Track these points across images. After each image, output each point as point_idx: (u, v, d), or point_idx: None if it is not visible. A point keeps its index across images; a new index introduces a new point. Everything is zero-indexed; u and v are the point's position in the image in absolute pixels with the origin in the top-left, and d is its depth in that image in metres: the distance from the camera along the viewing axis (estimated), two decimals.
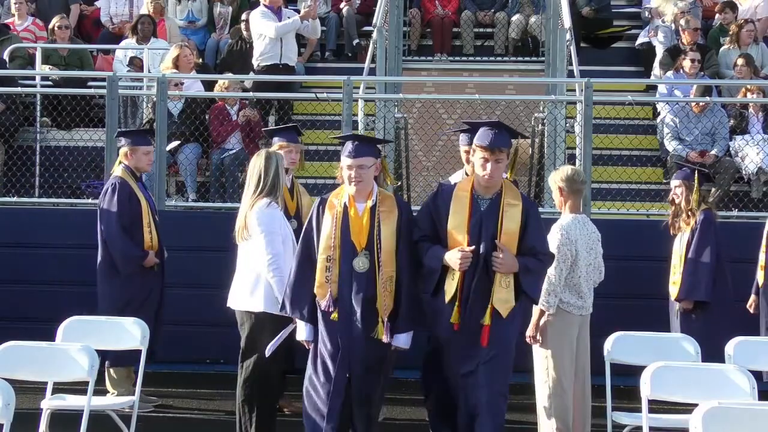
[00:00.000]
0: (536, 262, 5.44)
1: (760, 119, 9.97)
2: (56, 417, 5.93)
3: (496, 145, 5.33)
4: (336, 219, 5.42)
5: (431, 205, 5.53)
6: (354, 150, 5.41)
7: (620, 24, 12.89)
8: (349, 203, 5.46)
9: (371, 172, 5.45)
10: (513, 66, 12.30)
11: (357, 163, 5.39)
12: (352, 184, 5.41)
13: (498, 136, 5.35)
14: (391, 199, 5.55)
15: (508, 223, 5.38)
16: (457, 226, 5.39)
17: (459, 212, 5.41)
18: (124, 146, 7.41)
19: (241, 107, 10.13)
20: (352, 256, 5.38)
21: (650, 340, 5.95)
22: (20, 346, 5.38)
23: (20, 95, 10.40)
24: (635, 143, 9.99)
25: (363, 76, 9.83)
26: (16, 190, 9.74)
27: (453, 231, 5.40)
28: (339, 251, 5.39)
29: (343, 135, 5.82)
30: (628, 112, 10.15)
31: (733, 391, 4.86)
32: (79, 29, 12.72)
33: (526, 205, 5.49)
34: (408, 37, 12.59)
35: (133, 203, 7.26)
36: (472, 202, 5.43)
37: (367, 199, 5.45)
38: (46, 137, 10.33)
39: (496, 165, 5.34)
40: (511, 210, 5.40)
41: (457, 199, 5.45)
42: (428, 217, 5.52)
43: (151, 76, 10.13)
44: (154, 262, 7.26)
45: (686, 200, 7.13)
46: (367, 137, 5.53)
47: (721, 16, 11.86)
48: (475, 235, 5.37)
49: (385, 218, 5.43)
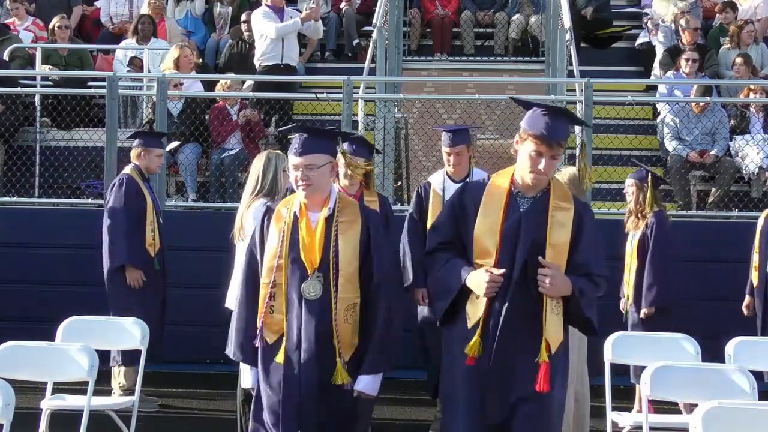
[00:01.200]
0: (590, 284, 4.18)
1: (760, 119, 9.97)
2: (56, 417, 5.93)
3: (556, 137, 4.10)
4: (283, 233, 4.35)
5: (456, 204, 4.30)
6: (301, 146, 4.34)
7: (620, 24, 12.89)
8: (300, 213, 4.38)
9: (324, 173, 4.34)
10: (513, 66, 12.30)
11: (305, 162, 4.31)
12: (300, 188, 4.34)
13: (560, 126, 4.14)
14: (353, 206, 4.45)
15: (557, 231, 4.15)
16: (487, 230, 4.15)
17: (491, 212, 4.17)
18: (137, 147, 7.43)
19: (241, 107, 10.13)
20: (301, 279, 4.28)
21: (650, 340, 5.95)
22: (20, 346, 5.38)
23: (20, 95, 10.40)
24: (635, 143, 9.99)
25: (363, 76, 9.83)
26: (16, 190, 9.74)
27: (481, 236, 4.16)
28: (286, 274, 4.31)
29: (289, 127, 4.91)
30: (628, 112, 10.16)
31: (733, 391, 4.85)
32: (79, 29, 12.73)
33: (579, 209, 4.23)
34: (408, 37, 12.59)
35: (139, 200, 7.28)
36: (510, 200, 4.19)
37: (322, 207, 4.37)
38: (46, 137, 10.33)
39: (551, 162, 4.11)
40: (561, 214, 4.18)
41: (489, 195, 4.21)
42: (451, 219, 4.29)
43: (151, 76, 10.13)
44: (138, 281, 7.25)
45: (636, 201, 7.09)
46: (321, 130, 4.53)
47: (721, 16, 11.85)
48: (511, 242, 4.12)
49: (344, 230, 4.35)
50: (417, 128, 9.54)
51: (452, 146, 6.65)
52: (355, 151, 6.55)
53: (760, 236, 7.37)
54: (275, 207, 4.48)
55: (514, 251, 4.11)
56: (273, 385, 4.31)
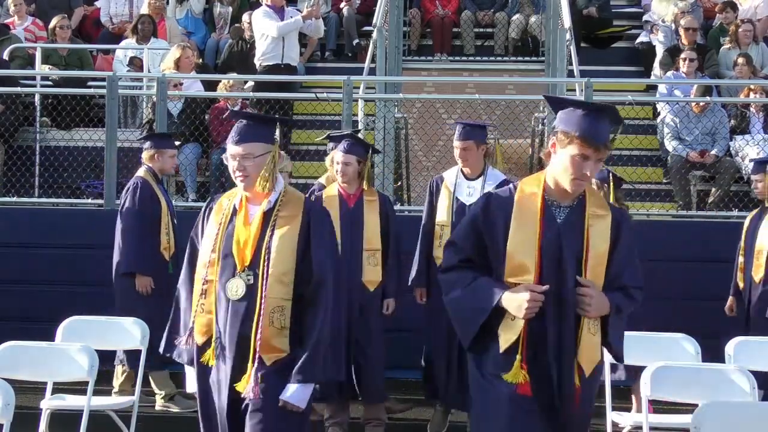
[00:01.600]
0: (626, 299, 3.89)
1: (760, 119, 9.97)
2: (56, 417, 5.93)
3: (603, 139, 3.76)
4: (220, 226, 4.09)
5: (480, 218, 3.86)
6: (237, 134, 4.05)
7: (620, 24, 12.89)
8: (239, 205, 4.11)
9: (261, 163, 4.03)
10: (513, 66, 12.30)
11: (242, 152, 4.02)
12: (237, 179, 4.06)
13: (606, 127, 3.80)
14: (297, 201, 4.11)
15: (597, 241, 3.81)
16: (523, 246, 3.77)
17: (525, 225, 3.78)
18: (150, 149, 7.39)
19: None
20: (231, 277, 4.03)
21: (650, 340, 5.94)
22: (20, 346, 5.38)
23: (20, 95, 10.39)
24: (635, 143, 9.99)
25: (363, 76, 9.83)
26: (16, 190, 9.74)
27: (516, 252, 3.76)
28: (217, 270, 4.05)
29: (228, 113, 4.64)
30: (628, 112, 10.14)
31: (733, 391, 4.85)
32: (79, 29, 12.72)
33: (616, 216, 3.88)
34: (408, 37, 12.59)
35: (154, 204, 7.26)
36: (545, 210, 3.81)
37: (264, 200, 4.08)
38: (45, 137, 10.32)
39: (596, 166, 3.80)
40: (599, 223, 3.83)
41: (521, 207, 3.82)
42: (474, 234, 3.87)
43: (151, 76, 10.13)
44: (147, 288, 7.24)
45: None
46: (259, 116, 4.22)
47: (722, 15, 11.85)
48: (552, 258, 3.76)
49: (281, 226, 4.02)
50: (417, 128, 9.54)
51: (460, 140, 6.62)
52: (348, 149, 6.56)
53: (746, 237, 7.32)
54: (219, 198, 4.21)
55: (558, 267, 3.76)
56: (202, 388, 4.11)
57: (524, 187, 3.88)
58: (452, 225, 6.53)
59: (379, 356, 6.52)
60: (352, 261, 6.46)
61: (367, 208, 6.60)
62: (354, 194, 6.63)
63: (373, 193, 6.69)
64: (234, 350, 3.97)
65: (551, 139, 3.83)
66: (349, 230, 6.51)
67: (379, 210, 6.62)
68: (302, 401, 3.94)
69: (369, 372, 6.49)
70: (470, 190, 6.61)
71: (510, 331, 3.74)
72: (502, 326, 3.76)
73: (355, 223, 6.55)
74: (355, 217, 6.56)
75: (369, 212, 6.58)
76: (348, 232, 6.48)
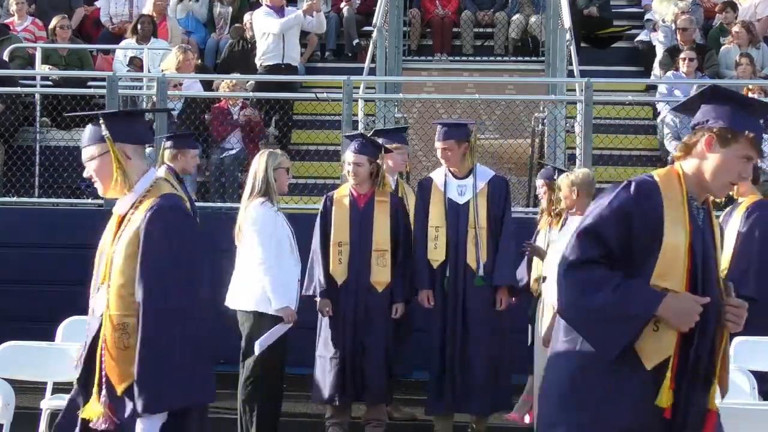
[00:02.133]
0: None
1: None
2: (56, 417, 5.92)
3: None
4: (109, 230, 3.68)
5: (632, 204, 3.32)
6: (83, 137, 3.68)
7: (620, 24, 12.89)
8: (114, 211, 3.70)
9: (103, 164, 3.57)
10: (513, 66, 12.29)
11: (84, 156, 3.65)
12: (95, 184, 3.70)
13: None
14: (154, 198, 3.54)
15: (721, 246, 3.54)
16: (677, 246, 3.31)
17: (677, 223, 3.32)
18: (171, 149, 7.34)
19: (242, 107, 10.13)
20: (96, 292, 3.62)
21: None
22: (20, 346, 5.39)
23: (20, 95, 10.39)
24: (635, 143, 9.99)
25: (363, 76, 9.83)
26: (16, 190, 9.73)
27: (670, 251, 3.30)
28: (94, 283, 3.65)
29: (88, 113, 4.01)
30: (628, 112, 10.15)
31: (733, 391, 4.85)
32: (80, 29, 12.72)
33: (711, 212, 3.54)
34: (408, 37, 12.59)
35: None
36: (690, 210, 3.39)
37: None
38: (46, 137, 10.32)
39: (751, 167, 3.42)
40: (718, 225, 3.54)
41: (669, 201, 3.36)
42: (622, 222, 3.31)
43: (151, 76, 10.13)
44: None
45: (548, 200, 6.90)
46: (92, 115, 3.67)
47: (722, 15, 11.85)
48: (702, 264, 3.35)
49: (122, 234, 3.54)
50: (417, 128, 9.54)
51: (440, 140, 6.62)
52: (359, 149, 6.54)
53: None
54: None
55: (704, 274, 3.34)
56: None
57: (663, 180, 3.40)
58: (447, 226, 6.57)
59: (381, 357, 6.48)
60: (361, 262, 6.49)
61: (377, 209, 6.55)
62: (365, 195, 6.60)
63: (385, 194, 6.62)
64: (83, 374, 3.56)
65: (700, 134, 3.38)
66: (358, 231, 6.51)
67: (390, 211, 6.57)
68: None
69: (371, 373, 6.47)
70: (461, 188, 6.62)
71: (659, 345, 3.26)
72: (645, 338, 3.26)
73: (365, 224, 6.52)
74: (365, 218, 6.53)
75: (379, 213, 6.54)
76: (357, 232, 6.49)
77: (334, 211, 6.56)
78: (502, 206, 6.62)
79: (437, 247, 6.57)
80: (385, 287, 6.51)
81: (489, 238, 6.54)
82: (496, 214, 6.59)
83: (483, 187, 6.60)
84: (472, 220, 6.53)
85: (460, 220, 6.56)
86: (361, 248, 6.49)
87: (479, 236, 6.51)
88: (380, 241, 6.51)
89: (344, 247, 6.49)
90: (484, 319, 6.51)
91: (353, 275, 6.49)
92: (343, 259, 6.49)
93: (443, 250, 6.55)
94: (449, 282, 6.54)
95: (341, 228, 6.52)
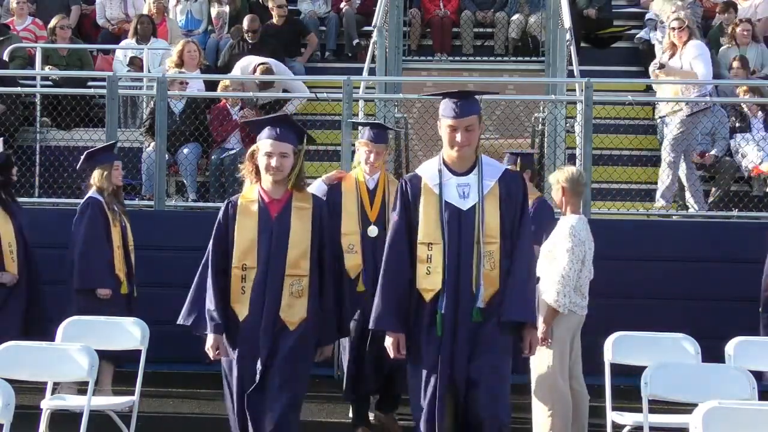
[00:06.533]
0: None
1: (759, 118, 9.97)
2: (56, 417, 5.93)
3: None
4: None
5: None
6: None
7: (620, 24, 12.90)
8: None
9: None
10: (513, 66, 12.30)
11: None
12: None
13: None
14: None
15: None
16: None
17: None
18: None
19: (242, 107, 10.14)
20: None
21: (650, 340, 5.95)
22: (20, 346, 5.39)
23: (20, 95, 10.40)
24: (635, 143, 9.99)
25: (363, 76, 9.84)
26: (16, 190, 9.71)
27: None
28: None
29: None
30: (628, 112, 10.15)
31: (733, 391, 4.85)
32: (79, 29, 12.73)
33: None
34: (408, 37, 12.60)
35: None
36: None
37: None
38: (46, 137, 10.33)
39: None
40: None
41: None
42: None
43: (151, 76, 10.14)
44: None
45: None
46: None
47: (722, 16, 11.85)
48: None
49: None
50: (417, 128, 9.54)
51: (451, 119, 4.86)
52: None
53: None
54: None
55: None
56: None
57: None
58: (445, 241, 4.79)
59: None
60: (270, 290, 5.03)
61: (295, 216, 5.08)
62: (279, 199, 5.10)
63: (305, 197, 5.21)
64: None
65: None
66: (267, 248, 5.04)
67: (313, 221, 5.14)
68: None
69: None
70: (462, 189, 4.86)
71: None
72: None
73: (277, 239, 5.08)
74: (279, 231, 5.08)
75: (297, 222, 5.10)
76: (266, 250, 5.04)
77: (238, 221, 5.10)
78: (518, 212, 4.87)
79: (430, 271, 4.78)
80: (296, 326, 5.00)
81: (502, 259, 4.79)
82: (512, 224, 4.84)
83: (493, 187, 4.85)
84: (479, 232, 4.80)
85: (463, 234, 4.80)
86: (270, 272, 5.02)
87: (488, 255, 4.78)
88: (296, 263, 5.04)
89: (249, 271, 5.03)
90: (493, 372, 4.78)
91: (257, 308, 5.00)
92: (247, 287, 5.03)
93: (439, 276, 4.76)
94: (444, 320, 4.75)
95: (245, 244, 5.05)
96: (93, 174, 7.21)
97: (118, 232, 7.08)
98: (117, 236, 7.08)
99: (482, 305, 4.74)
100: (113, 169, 7.22)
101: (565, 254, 5.93)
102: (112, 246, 7.07)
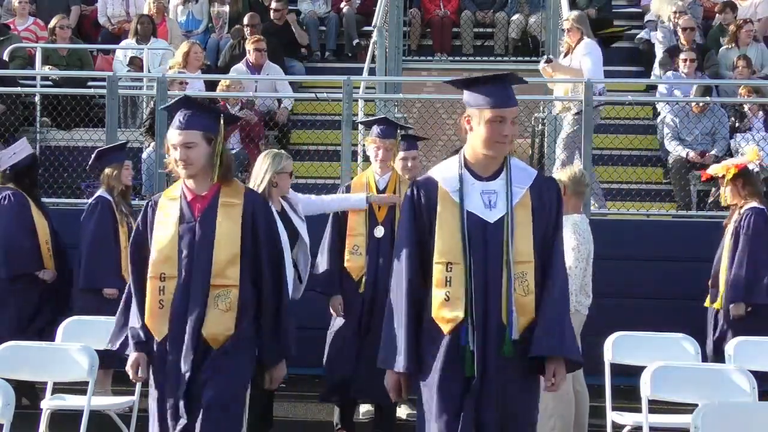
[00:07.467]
0: None
1: (759, 118, 9.97)
2: (56, 417, 5.93)
3: None
4: None
5: None
6: None
7: (620, 24, 12.89)
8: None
9: None
10: (513, 66, 12.26)
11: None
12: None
13: None
14: None
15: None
16: None
17: None
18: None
19: (241, 107, 10.14)
20: None
21: (650, 340, 5.95)
22: (20, 346, 5.39)
23: (20, 95, 10.40)
24: (635, 143, 9.99)
25: (363, 76, 9.84)
26: None
27: None
28: None
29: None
30: (628, 112, 10.15)
31: (733, 391, 4.86)
32: (79, 29, 12.72)
33: None
34: (408, 37, 12.60)
35: None
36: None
37: None
38: (46, 137, 10.32)
39: None
40: None
41: None
42: None
43: (151, 76, 10.14)
44: None
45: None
46: None
47: (721, 16, 11.85)
48: None
49: None
50: (417, 128, 9.53)
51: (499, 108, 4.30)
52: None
53: None
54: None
55: None
56: None
57: None
58: (468, 261, 3.94)
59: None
60: (192, 304, 4.43)
61: (221, 215, 4.51)
62: (204, 196, 4.51)
63: (236, 192, 4.86)
64: None
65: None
66: (190, 254, 4.47)
67: (243, 221, 4.54)
68: None
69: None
70: (488, 197, 4.04)
71: None
72: None
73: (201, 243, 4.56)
74: (203, 233, 4.55)
75: (225, 223, 4.57)
76: (189, 257, 4.49)
77: (156, 223, 4.48)
78: (552, 225, 4.07)
79: (450, 297, 3.94)
80: (221, 344, 4.36)
81: (537, 281, 4.00)
82: (543, 239, 4.04)
83: (524, 195, 4.05)
84: (509, 250, 3.96)
85: (490, 251, 3.97)
86: (192, 283, 4.41)
87: (520, 277, 3.96)
88: (223, 271, 4.40)
89: (169, 281, 4.40)
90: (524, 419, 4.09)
91: (179, 326, 4.37)
92: (166, 300, 4.39)
93: (461, 302, 3.93)
94: (471, 356, 3.92)
95: (164, 251, 4.42)
96: (103, 173, 7.22)
97: (125, 233, 7.07)
98: (124, 237, 7.07)
99: (516, 337, 3.89)
100: (123, 169, 7.23)
101: (570, 252, 5.92)
102: (119, 246, 7.06)
